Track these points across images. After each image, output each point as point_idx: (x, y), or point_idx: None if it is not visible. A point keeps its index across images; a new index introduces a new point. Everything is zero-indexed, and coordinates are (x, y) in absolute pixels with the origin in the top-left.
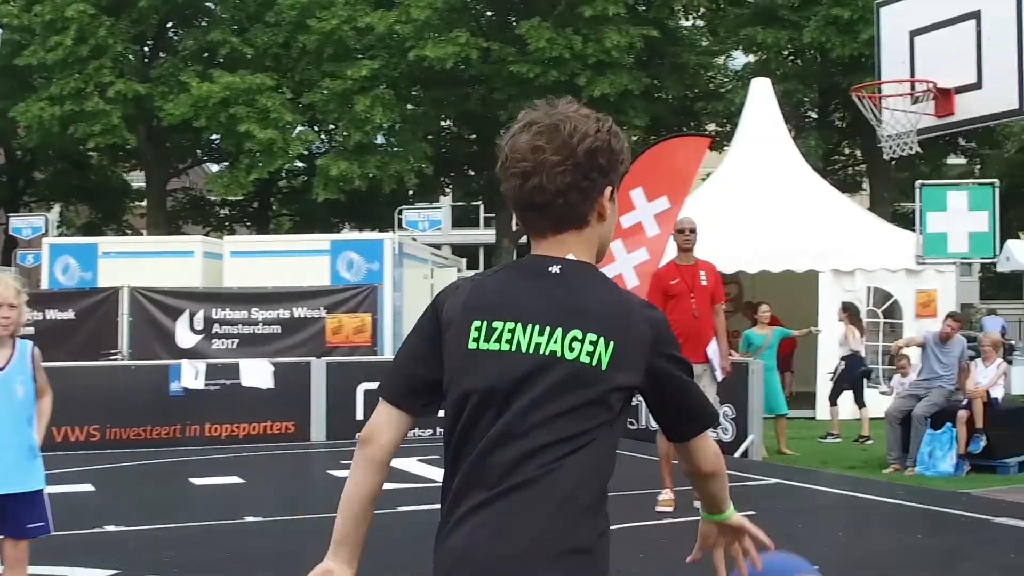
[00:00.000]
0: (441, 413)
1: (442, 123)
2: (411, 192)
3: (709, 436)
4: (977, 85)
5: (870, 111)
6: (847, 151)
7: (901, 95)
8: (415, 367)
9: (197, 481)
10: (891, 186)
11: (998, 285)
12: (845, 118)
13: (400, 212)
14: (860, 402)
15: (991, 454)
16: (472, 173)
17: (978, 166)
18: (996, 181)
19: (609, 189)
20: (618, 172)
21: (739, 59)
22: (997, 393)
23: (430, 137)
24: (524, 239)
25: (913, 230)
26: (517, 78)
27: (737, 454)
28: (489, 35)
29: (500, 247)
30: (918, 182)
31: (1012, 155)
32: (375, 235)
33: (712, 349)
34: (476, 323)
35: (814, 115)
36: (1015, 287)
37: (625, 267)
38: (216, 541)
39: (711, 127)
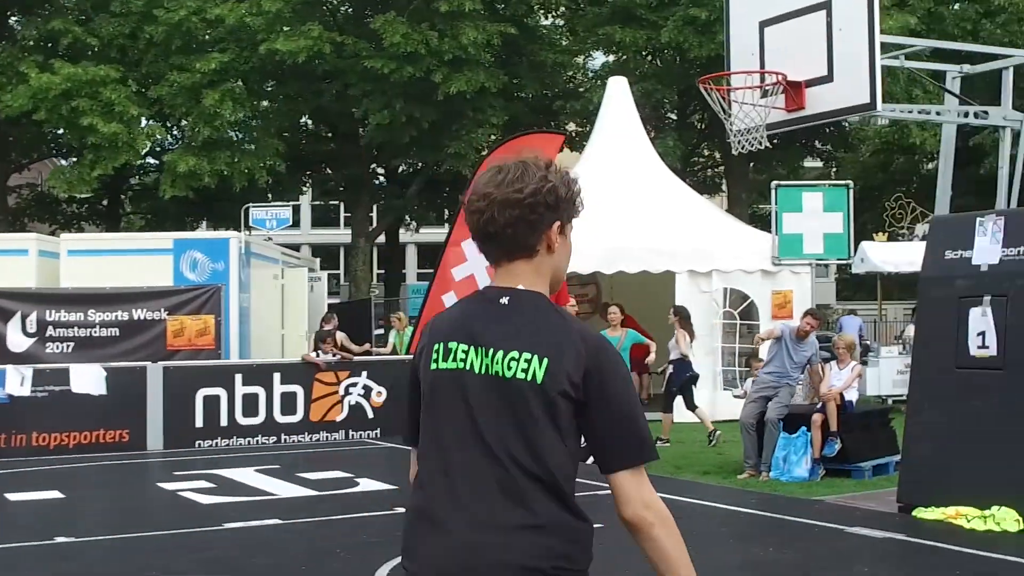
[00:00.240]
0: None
1: (300, 120)
2: (268, 191)
3: (644, 478)
4: (828, 78)
5: (718, 104)
6: (707, 152)
7: (750, 87)
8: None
9: (13, 497)
10: (748, 187)
11: (855, 286)
12: (704, 119)
13: (247, 210)
14: (691, 405)
15: (846, 458)
16: (330, 171)
17: (834, 168)
18: (851, 183)
19: (557, 224)
20: (567, 210)
21: (599, 59)
22: (851, 396)
23: (286, 134)
24: (381, 239)
25: (770, 231)
26: (372, 74)
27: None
28: (345, 29)
29: (356, 247)
30: (774, 183)
31: (867, 158)
32: (220, 234)
33: None
34: (437, 345)
35: (673, 116)
36: (871, 288)
37: (477, 268)
38: (19, 565)
39: (571, 127)
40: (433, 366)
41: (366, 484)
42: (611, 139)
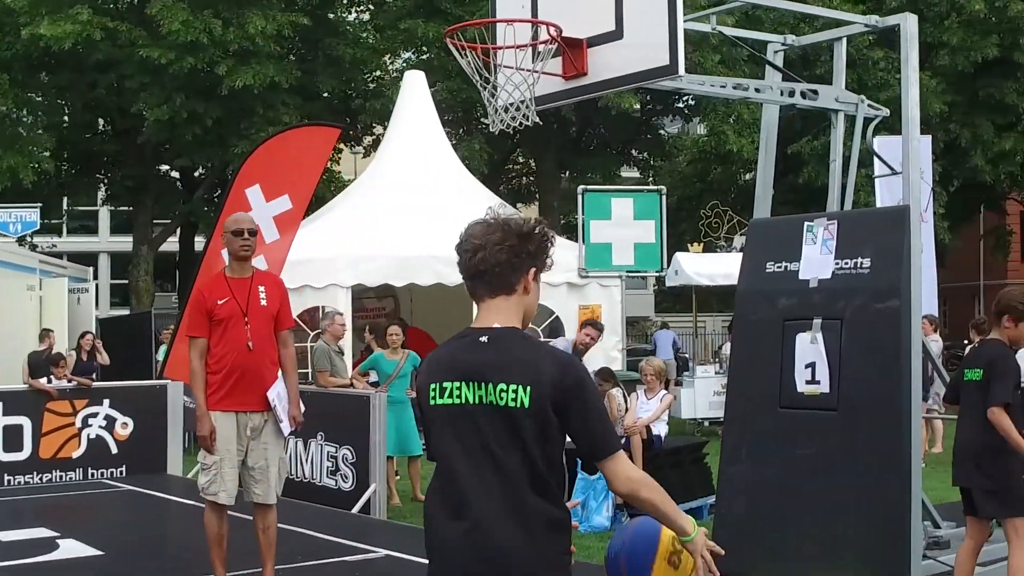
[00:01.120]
0: None
1: (76, 115)
2: (47, 192)
3: (621, 460)
4: (616, 34)
5: (473, 66)
6: (521, 159)
7: (515, 47)
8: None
9: None
10: (560, 195)
11: (674, 298)
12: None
13: None
14: None
15: None
16: (107, 176)
17: (651, 177)
18: (663, 188)
19: (534, 270)
20: (542, 259)
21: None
22: (660, 430)
23: (66, 129)
24: (162, 247)
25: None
26: (149, 64)
27: (356, 509)
28: (125, 16)
29: (138, 255)
30: (581, 187)
31: (684, 167)
32: None
33: (277, 392)
34: (433, 385)
35: (485, 120)
36: (690, 299)
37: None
38: None
39: (379, 130)
40: (432, 403)
41: (67, 548)
42: (406, 139)
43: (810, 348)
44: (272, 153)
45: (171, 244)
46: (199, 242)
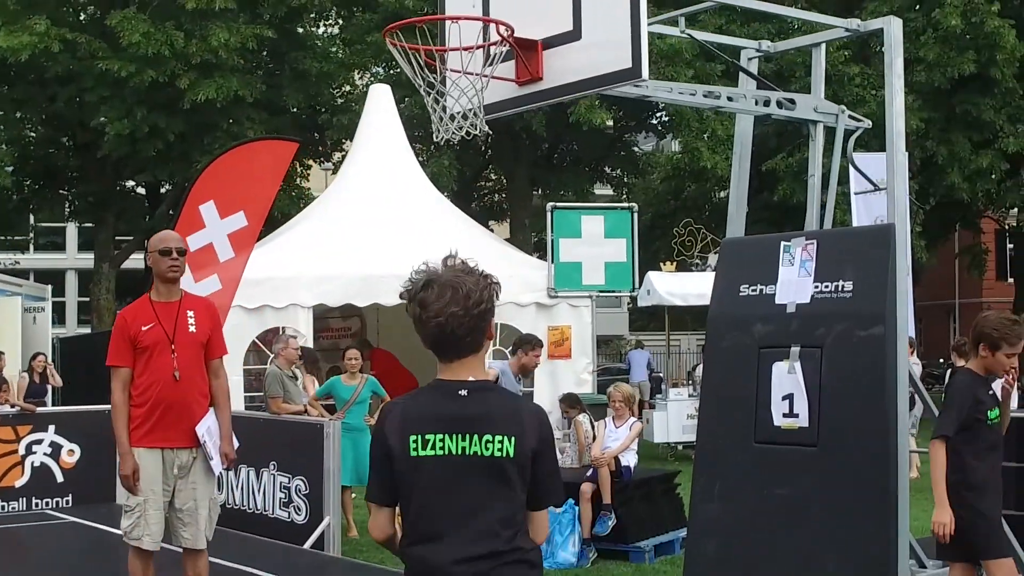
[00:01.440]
0: None
1: (31, 132)
2: (11, 208)
3: (546, 514)
4: (574, 35)
5: (415, 68)
6: (493, 176)
7: (464, 48)
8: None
9: None
10: (532, 213)
11: (648, 316)
12: (488, 139)
13: None
14: None
15: (623, 536)
16: (70, 191)
17: (625, 195)
18: (634, 205)
19: (491, 320)
20: (493, 310)
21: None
22: (629, 460)
23: (31, 143)
24: (127, 264)
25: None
26: (109, 77)
27: (309, 543)
28: (85, 27)
29: (100, 272)
30: (550, 204)
31: (658, 185)
32: None
33: (207, 427)
34: (414, 437)
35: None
36: (662, 317)
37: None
38: None
39: (348, 145)
40: (413, 454)
41: None
42: (371, 155)
43: (788, 378)
44: (227, 168)
45: (136, 261)
46: None
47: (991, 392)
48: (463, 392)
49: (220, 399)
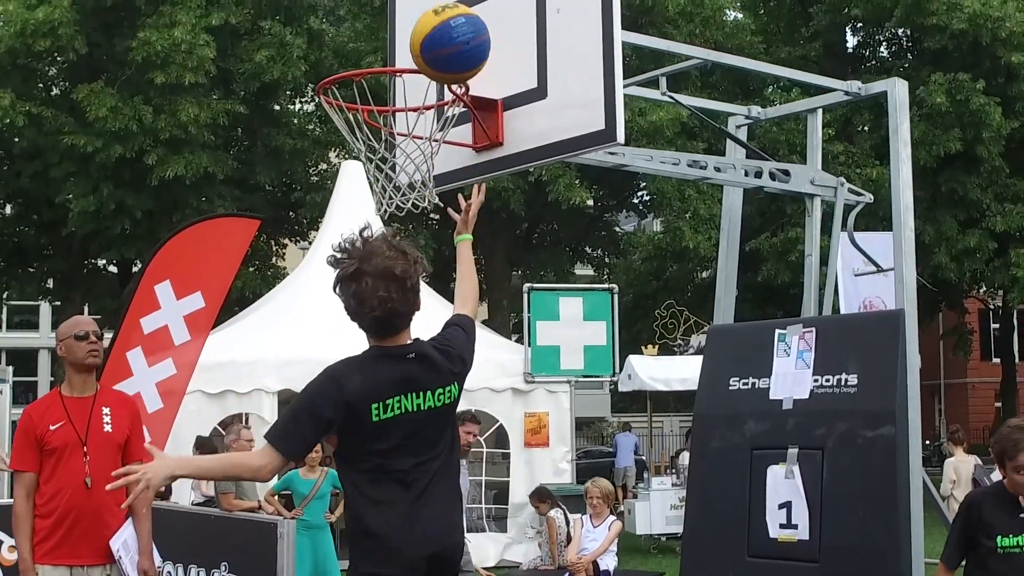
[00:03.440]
0: None
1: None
2: None
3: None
4: (539, 93)
5: (357, 132)
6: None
7: (414, 109)
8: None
9: None
10: (510, 293)
11: (631, 397)
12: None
13: None
14: None
15: None
16: (40, 269)
17: (606, 275)
18: (615, 287)
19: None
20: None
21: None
22: (608, 563)
23: None
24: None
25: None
26: (76, 152)
27: None
28: (52, 101)
29: None
30: (527, 285)
31: (640, 265)
32: None
33: (123, 540)
34: (375, 405)
35: (435, 215)
36: (645, 399)
37: (145, 384)
38: None
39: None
40: (376, 418)
41: None
42: (340, 234)
43: (784, 484)
44: (184, 246)
45: (105, 340)
46: None
47: (1021, 515)
48: (411, 356)
49: (139, 508)
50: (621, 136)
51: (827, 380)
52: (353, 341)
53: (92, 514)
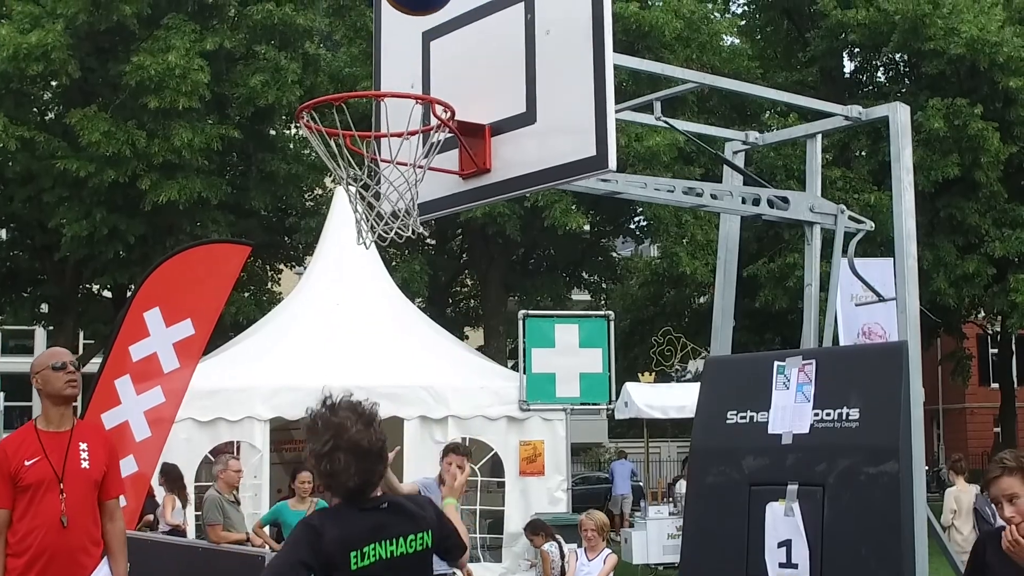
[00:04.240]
0: None
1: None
2: None
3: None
4: (528, 118)
5: (337, 159)
6: (469, 281)
7: (388, 135)
8: None
9: None
10: (505, 319)
11: (628, 423)
12: (465, 243)
13: None
14: None
15: None
16: (33, 294)
17: (603, 301)
18: (611, 313)
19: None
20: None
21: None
22: None
23: None
24: (84, 369)
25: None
26: (68, 177)
27: None
28: (46, 126)
29: None
30: (522, 312)
31: (636, 290)
32: None
33: None
34: (353, 553)
35: (432, 240)
36: (642, 425)
37: (133, 413)
38: None
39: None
40: (355, 566)
41: None
42: (335, 260)
43: (784, 522)
44: (174, 273)
45: (95, 366)
46: None
47: None
48: (384, 506)
49: (115, 546)
50: (613, 163)
51: (828, 414)
52: (345, 369)
53: (66, 553)
